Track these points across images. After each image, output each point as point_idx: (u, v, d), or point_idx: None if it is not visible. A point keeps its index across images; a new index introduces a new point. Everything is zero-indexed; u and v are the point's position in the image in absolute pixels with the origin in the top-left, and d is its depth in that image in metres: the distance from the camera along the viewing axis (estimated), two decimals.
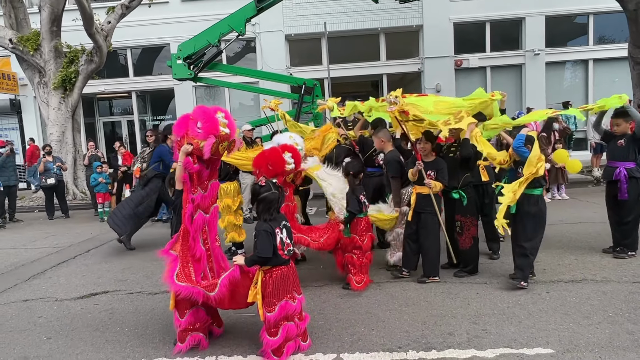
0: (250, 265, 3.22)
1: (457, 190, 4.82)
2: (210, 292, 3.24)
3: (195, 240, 3.43)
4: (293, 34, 15.89)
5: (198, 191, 3.44)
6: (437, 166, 4.73)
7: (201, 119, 3.28)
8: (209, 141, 3.26)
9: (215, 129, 3.28)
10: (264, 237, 3.15)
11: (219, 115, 3.34)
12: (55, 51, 12.68)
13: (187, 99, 16.17)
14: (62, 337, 3.91)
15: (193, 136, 3.29)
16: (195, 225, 3.43)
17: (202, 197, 3.49)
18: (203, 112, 3.29)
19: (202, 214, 3.50)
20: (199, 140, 3.27)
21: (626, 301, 3.99)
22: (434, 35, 15.58)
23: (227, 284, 3.23)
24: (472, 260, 4.86)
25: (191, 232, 3.41)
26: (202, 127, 3.26)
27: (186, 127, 3.33)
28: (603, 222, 6.97)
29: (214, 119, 3.30)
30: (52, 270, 6.09)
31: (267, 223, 3.21)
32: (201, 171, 3.46)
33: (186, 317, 3.42)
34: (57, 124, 12.78)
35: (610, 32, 15.95)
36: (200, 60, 9.35)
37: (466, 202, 4.81)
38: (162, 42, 16.11)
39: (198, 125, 3.28)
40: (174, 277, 3.30)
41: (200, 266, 3.47)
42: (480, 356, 3.18)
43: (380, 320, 3.87)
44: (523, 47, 15.78)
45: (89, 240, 7.92)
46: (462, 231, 4.82)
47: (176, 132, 3.39)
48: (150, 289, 5.07)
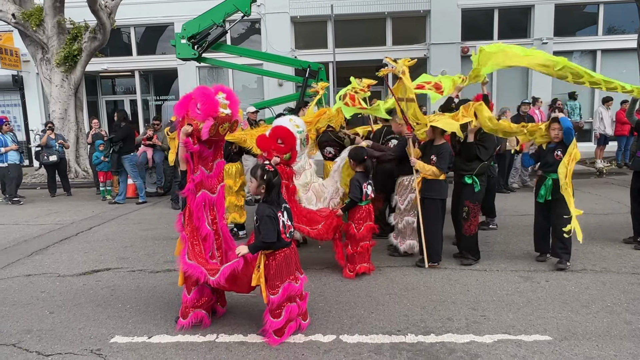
0: (254, 252, 3.22)
1: (471, 175, 4.75)
2: (212, 276, 3.27)
3: (200, 220, 3.44)
4: (299, 16, 15.70)
5: (200, 170, 3.43)
6: (439, 151, 4.69)
7: (200, 100, 3.23)
8: (207, 123, 3.22)
9: (214, 111, 3.24)
10: (267, 223, 3.14)
11: (219, 97, 3.28)
12: (58, 27, 12.56)
13: (191, 79, 16.06)
14: (65, 311, 3.95)
15: (193, 117, 3.26)
16: (196, 205, 3.43)
17: (208, 177, 3.48)
18: (203, 93, 3.24)
19: (207, 194, 3.49)
20: (198, 121, 3.25)
21: (625, 292, 4.01)
22: (441, 21, 15.38)
23: (228, 273, 3.25)
24: (473, 247, 4.88)
25: (194, 212, 3.42)
26: (201, 109, 3.22)
27: (187, 107, 3.30)
28: (604, 213, 7.00)
29: (214, 101, 3.24)
30: (55, 247, 6.14)
31: (269, 208, 3.20)
32: (202, 151, 3.44)
33: (192, 294, 3.46)
34: (60, 101, 12.73)
35: (620, 22, 15.73)
36: (204, 40, 9.25)
37: (478, 189, 4.76)
38: (166, 20, 15.93)
39: (198, 106, 3.24)
40: (185, 255, 3.35)
41: (207, 245, 3.48)
42: (478, 341, 3.21)
43: (380, 304, 3.91)
44: (531, 36, 15.58)
45: (91, 218, 7.95)
46: (469, 217, 4.78)
47: (177, 113, 3.38)
48: (152, 267, 5.11)
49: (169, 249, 5.84)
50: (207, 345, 3.27)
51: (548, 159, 4.74)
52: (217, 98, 3.27)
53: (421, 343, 3.22)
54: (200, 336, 3.40)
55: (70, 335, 3.48)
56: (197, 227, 3.43)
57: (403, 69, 4.59)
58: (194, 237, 3.43)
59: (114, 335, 3.47)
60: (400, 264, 4.93)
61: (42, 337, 3.46)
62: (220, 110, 3.26)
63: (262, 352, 3.15)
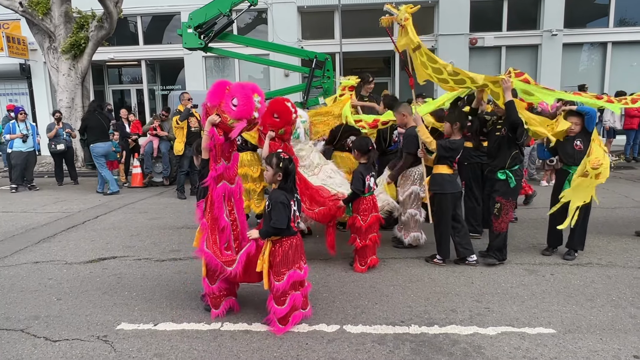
0: (265, 237, 3.25)
1: (504, 170, 4.48)
2: (229, 266, 3.31)
3: (220, 211, 3.44)
4: (306, 6, 15.60)
5: (222, 162, 3.44)
6: (453, 145, 4.55)
7: (238, 97, 3.18)
8: (241, 124, 3.21)
9: (249, 113, 3.22)
10: (280, 209, 3.16)
11: (255, 99, 3.25)
12: (65, 16, 12.57)
13: (197, 69, 16.05)
14: (72, 298, 4.00)
15: (224, 110, 3.22)
16: (217, 195, 3.43)
17: (226, 168, 3.48)
18: (243, 93, 3.19)
19: (227, 184, 3.49)
20: (230, 117, 3.21)
21: (630, 286, 4.00)
22: (449, 11, 15.22)
23: (245, 260, 3.29)
24: (501, 247, 4.58)
25: (215, 202, 3.43)
26: (238, 107, 3.18)
27: (221, 97, 3.25)
28: (611, 207, 6.95)
29: (251, 102, 3.20)
30: (62, 235, 6.19)
31: (284, 195, 3.22)
32: (224, 143, 3.44)
33: (218, 283, 3.47)
34: (67, 90, 12.77)
35: (632, 14, 15.49)
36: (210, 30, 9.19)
37: (514, 184, 4.48)
38: (172, 10, 15.89)
39: (234, 102, 3.19)
40: (204, 244, 3.38)
41: (224, 236, 3.49)
42: (482, 333, 3.22)
43: (384, 295, 3.92)
44: (541, 27, 15.40)
45: (98, 207, 8.01)
46: (500, 214, 4.49)
47: (210, 100, 3.31)
48: (158, 256, 5.15)
49: (174, 238, 5.88)
50: (212, 333, 3.30)
51: (567, 149, 4.69)
52: (254, 99, 3.24)
53: (425, 334, 3.23)
54: (205, 324, 3.43)
55: (77, 322, 3.52)
56: (216, 217, 3.44)
57: (406, 16, 4.42)
58: (212, 227, 3.45)
59: (120, 322, 3.51)
60: (404, 256, 4.94)
61: (50, 323, 3.51)
62: (254, 113, 3.26)
63: (267, 340, 3.18)
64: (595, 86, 14.76)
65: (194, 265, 4.71)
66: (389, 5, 4.48)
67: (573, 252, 4.73)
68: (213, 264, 3.36)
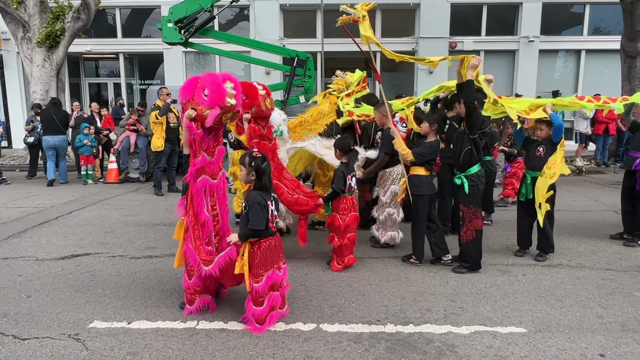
0: (244, 240, 3.22)
1: (460, 175, 4.38)
2: (206, 266, 3.28)
3: (200, 205, 3.42)
4: (288, 4, 15.56)
5: (201, 156, 3.41)
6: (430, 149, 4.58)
7: (209, 87, 3.20)
8: (214, 112, 3.21)
9: (221, 100, 3.22)
10: (257, 210, 3.14)
11: (227, 85, 3.26)
12: (40, 5, 12.24)
13: (177, 64, 15.84)
14: (43, 295, 3.90)
15: (198, 102, 3.23)
16: (196, 190, 3.41)
17: (209, 163, 3.46)
18: (212, 81, 3.21)
19: (208, 179, 3.47)
20: (204, 107, 3.22)
21: (598, 286, 4.13)
22: (430, 15, 15.41)
23: (223, 263, 3.27)
24: (472, 256, 4.44)
25: (195, 197, 3.41)
26: (209, 96, 3.20)
27: (193, 91, 3.26)
28: (582, 210, 7.15)
29: (222, 89, 3.22)
30: (33, 230, 6.03)
31: (260, 195, 3.21)
32: (204, 137, 3.42)
33: (194, 279, 3.46)
34: (41, 82, 12.43)
35: (605, 23, 15.99)
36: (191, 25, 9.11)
37: (468, 190, 4.33)
38: (152, 3, 15.65)
39: (205, 92, 3.21)
40: (189, 240, 3.37)
41: (205, 231, 3.47)
42: (456, 332, 3.28)
43: (361, 294, 3.95)
44: (518, 33, 15.75)
45: (72, 202, 7.83)
46: (464, 222, 4.40)
47: (182, 95, 3.32)
48: (133, 253, 5.07)
49: (150, 235, 5.79)
50: (188, 331, 3.27)
51: (530, 154, 4.79)
52: (225, 87, 3.24)
53: (400, 333, 3.27)
54: (181, 322, 3.40)
55: (47, 320, 3.44)
56: (196, 212, 3.42)
57: (363, 14, 4.42)
58: (194, 222, 3.42)
59: (93, 320, 3.44)
60: (381, 255, 4.98)
61: (19, 321, 3.42)
62: (227, 100, 3.25)
63: (243, 339, 3.17)
64: (569, 92, 15.15)
65: (170, 263, 4.65)
66: (344, 5, 4.51)
67: (544, 254, 4.85)
68: (192, 260, 3.34)
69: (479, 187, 4.39)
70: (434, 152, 4.61)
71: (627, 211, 5.55)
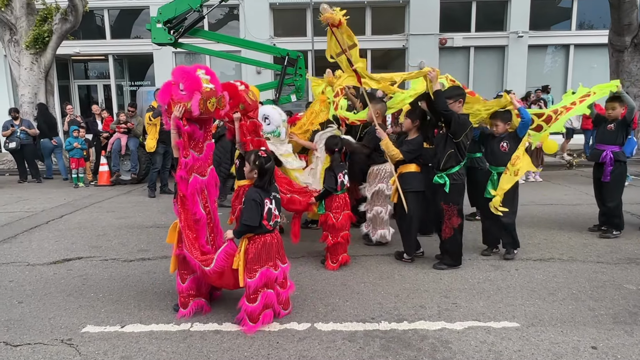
0: (239, 236, 3.26)
1: (442, 173, 4.37)
2: (206, 266, 3.27)
3: (195, 204, 3.41)
4: (278, 3, 15.52)
5: (191, 154, 3.40)
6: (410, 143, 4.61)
7: (182, 80, 3.22)
8: (195, 98, 3.22)
9: (197, 86, 3.23)
10: (252, 207, 3.18)
11: (199, 72, 3.30)
12: (27, 8, 12.10)
13: (167, 64, 15.73)
14: (35, 301, 3.87)
15: (178, 99, 3.23)
16: (191, 189, 3.40)
17: (198, 160, 3.45)
18: (182, 73, 3.24)
19: (198, 177, 3.45)
20: (185, 102, 3.22)
21: (589, 280, 4.17)
22: (420, 11, 15.44)
23: (224, 257, 3.26)
24: (452, 252, 4.48)
25: (188, 197, 3.39)
26: (185, 88, 3.21)
27: (170, 93, 3.27)
28: (573, 204, 7.22)
29: (195, 77, 3.25)
30: (24, 235, 5.98)
31: (257, 193, 3.23)
32: (194, 132, 3.41)
33: (187, 283, 3.45)
34: (29, 85, 12.30)
35: (592, 18, 16.11)
36: (180, 25, 9.03)
37: (449, 189, 4.34)
38: (141, 4, 15.53)
39: (180, 87, 3.23)
40: (183, 244, 3.35)
41: (202, 229, 3.47)
42: (449, 328, 3.29)
43: (355, 292, 3.96)
44: (507, 29, 15.82)
45: (63, 206, 7.76)
46: (443, 220, 4.43)
47: (161, 100, 3.34)
48: (125, 256, 5.04)
49: (143, 238, 5.76)
50: (182, 334, 3.26)
51: (494, 148, 4.71)
52: (197, 74, 3.27)
53: (394, 330, 3.28)
54: (175, 325, 3.39)
55: (39, 325, 3.41)
56: (192, 211, 3.40)
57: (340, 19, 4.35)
58: (188, 224, 3.40)
59: (86, 324, 3.42)
60: (375, 253, 4.99)
61: (10, 327, 3.38)
62: (203, 85, 3.26)
63: (237, 340, 3.16)
64: (558, 87, 15.27)
65: (163, 265, 4.63)
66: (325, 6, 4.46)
67: (512, 251, 4.76)
68: (192, 264, 3.33)
69: (459, 185, 4.42)
70: (419, 148, 4.64)
71: (600, 203, 5.63)
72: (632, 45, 11.26)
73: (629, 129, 5.33)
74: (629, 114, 5.21)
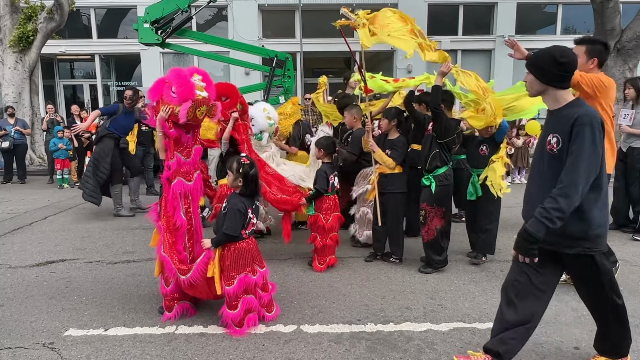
0: (217, 246, 3.20)
1: (428, 175, 4.36)
2: (183, 275, 3.24)
3: (176, 209, 3.36)
4: (266, 4, 15.51)
5: (176, 157, 3.35)
6: (393, 144, 4.60)
7: (176, 83, 3.15)
8: (185, 106, 3.15)
9: (190, 94, 3.16)
10: (235, 217, 3.13)
11: (195, 79, 3.21)
12: (11, 6, 11.94)
13: (154, 65, 15.63)
14: (16, 304, 3.80)
15: (168, 101, 3.18)
16: (172, 193, 3.35)
17: (185, 164, 3.41)
18: (178, 76, 3.16)
19: (183, 182, 3.40)
20: (174, 105, 3.17)
21: None
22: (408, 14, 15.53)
23: (202, 270, 3.23)
24: (435, 255, 4.43)
25: (169, 200, 3.35)
26: (177, 92, 3.15)
27: (161, 91, 3.22)
28: None
29: (190, 83, 3.17)
30: (6, 237, 5.87)
31: (242, 202, 3.18)
32: (180, 137, 3.37)
33: (171, 286, 3.41)
34: (13, 84, 12.11)
35: (577, 22, 16.38)
36: (168, 26, 8.97)
37: (435, 190, 4.31)
38: (128, 3, 15.40)
39: (172, 89, 3.16)
40: (162, 246, 3.31)
41: (180, 235, 3.42)
42: (435, 329, 3.31)
43: (341, 294, 3.96)
44: (494, 33, 16.02)
45: (46, 207, 7.65)
46: (425, 221, 4.37)
47: (151, 97, 3.28)
48: (110, 258, 4.98)
49: (128, 239, 5.70)
50: (166, 337, 3.22)
51: (473, 152, 4.72)
52: (192, 80, 3.20)
53: (380, 332, 3.28)
54: (159, 328, 3.35)
55: (20, 329, 3.35)
56: (171, 216, 3.35)
57: (364, 22, 4.33)
58: (168, 228, 3.36)
59: (68, 328, 3.37)
60: (361, 255, 5.00)
61: None
62: (197, 92, 3.20)
63: (222, 343, 3.14)
64: None
65: (148, 267, 4.58)
66: (345, 9, 4.46)
67: (480, 256, 4.71)
68: (168, 269, 3.29)
69: (446, 187, 4.38)
70: (406, 146, 4.67)
71: None
72: (615, 50, 11.46)
73: None
74: None
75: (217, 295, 3.24)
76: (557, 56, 2.36)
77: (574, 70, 2.42)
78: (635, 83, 5.67)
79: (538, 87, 2.48)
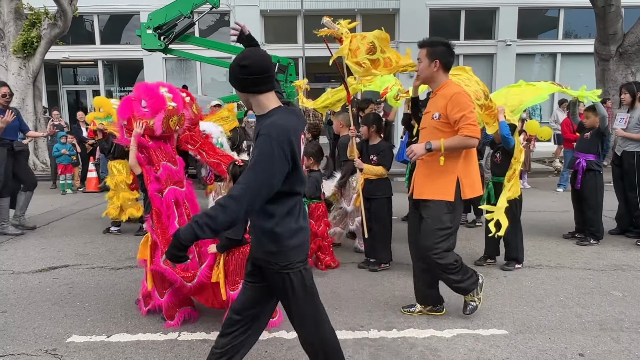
0: (223, 251, 3.21)
1: None
2: (188, 282, 3.25)
3: (170, 218, 3.35)
4: (269, 10, 15.57)
5: (162, 167, 3.36)
6: (379, 149, 4.58)
7: (145, 98, 3.23)
8: (159, 117, 3.23)
9: (162, 105, 3.25)
10: None
11: (162, 91, 3.31)
12: (15, 12, 12.01)
13: (157, 70, 15.69)
14: (19, 310, 3.80)
15: (140, 116, 3.24)
16: (165, 202, 3.36)
17: (175, 172, 3.43)
18: (146, 90, 3.26)
19: (177, 189, 3.42)
20: (148, 119, 3.23)
21: (577, 286, 4.20)
22: (410, 19, 15.59)
23: (207, 274, 3.23)
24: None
25: (163, 211, 3.34)
26: (148, 105, 3.23)
27: (131, 108, 3.29)
28: (561, 211, 7.28)
29: (159, 95, 3.26)
30: (9, 243, 5.88)
31: None
32: (160, 147, 3.40)
33: (166, 297, 3.40)
34: (17, 90, 12.13)
35: (579, 27, 16.39)
36: (171, 31, 9.03)
37: None
38: (131, 9, 15.49)
39: (143, 104, 3.24)
40: (161, 259, 3.29)
41: None
42: (438, 336, 3.29)
43: (344, 300, 3.95)
44: (496, 37, 16.03)
45: (49, 213, 7.67)
46: None
47: (121, 116, 3.34)
48: (113, 264, 4.98)
49: (131, 245, 5.70)
50: (169, 343, 3.22)
51: (492, 158, 4.81)
52: (161, 92, 3.29)
53: (383, 338, 3.27)
54: (162, 334, 3.35)
55: (23, 335, 3.35)
56: (166, 226, 3.34)
57: (346, 31, 4.30)
58: (165, 239, 3.34)
59: (71, 334, 3.37)
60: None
61: None
62: (168, 103, 3.28)
63: None
64: None
65: None
66: (327, 17, 4.44)
67: (513, 263, 4.69)
68: (172, 279, 3.29)
69: None
70: (390, 150, 4.72)
71: (577, 209, 5.71)
72: (617, 54, 11.47)
73: (604, 138, 5.40)
74: (601, 123, 5.30)
75: (222, 303, 3.24)
76: (239, 60, 2.15)
77: (260, 72, 2.12)
78: (631, 88, 5.69)
79: (244, 99, 2.23)
